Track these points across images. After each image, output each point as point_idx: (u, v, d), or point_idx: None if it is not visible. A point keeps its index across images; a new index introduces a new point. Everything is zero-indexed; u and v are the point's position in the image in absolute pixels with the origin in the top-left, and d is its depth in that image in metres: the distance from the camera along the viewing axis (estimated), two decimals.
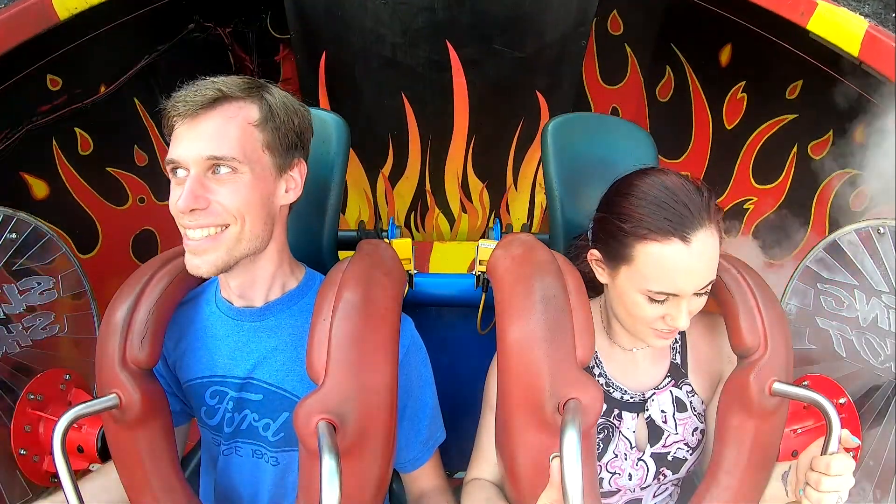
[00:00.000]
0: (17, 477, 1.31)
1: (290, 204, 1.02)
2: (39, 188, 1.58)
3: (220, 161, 0.89)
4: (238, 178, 0.90)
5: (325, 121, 1.23)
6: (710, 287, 0.97)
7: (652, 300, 0.96)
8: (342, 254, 1.23)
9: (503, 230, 2.10)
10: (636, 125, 1.39)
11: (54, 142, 1.60)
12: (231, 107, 0.91)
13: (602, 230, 1.03)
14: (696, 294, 0.96)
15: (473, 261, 1.82)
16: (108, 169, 1.78)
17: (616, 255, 0.98)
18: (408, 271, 1.38)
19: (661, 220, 0.92)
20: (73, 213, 1.67)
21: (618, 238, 0.97)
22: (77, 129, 1.65)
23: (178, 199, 0.88)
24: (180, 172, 0.91)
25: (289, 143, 0.96)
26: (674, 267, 0.92)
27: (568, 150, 1.28)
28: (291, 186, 0.99)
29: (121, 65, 1.77)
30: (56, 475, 0.93)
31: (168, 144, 0.93)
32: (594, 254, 1.04)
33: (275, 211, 0.97)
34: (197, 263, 0.91)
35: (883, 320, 1.27)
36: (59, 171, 1.63)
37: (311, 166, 1.05)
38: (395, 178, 2.41)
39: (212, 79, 0.92)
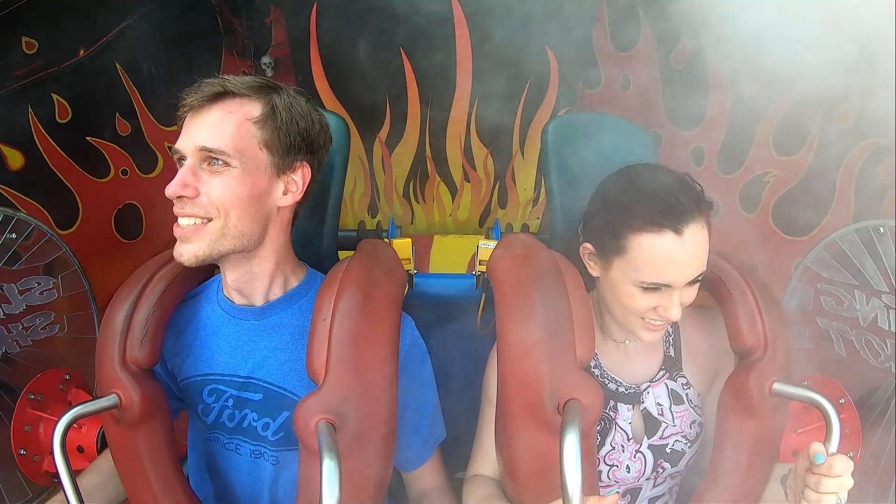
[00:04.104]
0: (17, 477, 1.31)
1: (296, 208, 1.02)
2: (15, 158, 1.49)
3: (210, 153, 0.92)
4: (228, 171, 0.93)
5: None
6: (700, 278, 0.99)
7: (645, 290, 0.98)
8: (342, 254, 1.23)
9: (503, 230, 2.08)
10: (636, 125, 1.39)
11: (30, 109, 1.51)
12: (233, 102, 0.94)
13: (594, 224, 1.05)
14: (687, 285, 0.98)
15: (473, 261, 1.80)
16: (87, 138, 1.68)
17: (609, 248, 1.01)
18: (408, 271, 1.38)
19: (654, 212, 0.95)
20: (50, 186, 1.58)
21: (610, 231, 1.00)
22: (54, 96, 1.56)
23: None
24: (183, 162, 0.94)
25: (290, 143, 0.96)
26: (667, 258, 0.95)
27: (568, 150, 1.28)
28: (292, 189, 0.98)
29: (101, 27, 1.67)
30: (56, 475, 0.93)
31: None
32: (587, 247, 1.06)
33: (268, 210, 0.97)
34: (181, 251, 0.94)
35: (883, 320, 1.27)
36: (36, 139, 1.53)
37: None
38: (392, 142, 2.26)
39: (225, 76, 0.96)
